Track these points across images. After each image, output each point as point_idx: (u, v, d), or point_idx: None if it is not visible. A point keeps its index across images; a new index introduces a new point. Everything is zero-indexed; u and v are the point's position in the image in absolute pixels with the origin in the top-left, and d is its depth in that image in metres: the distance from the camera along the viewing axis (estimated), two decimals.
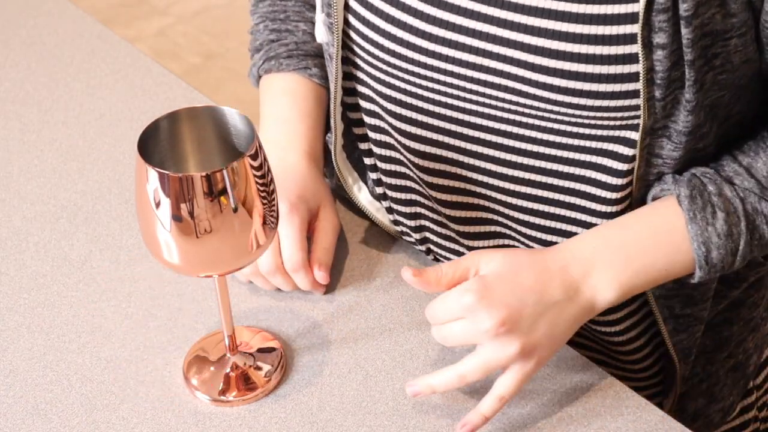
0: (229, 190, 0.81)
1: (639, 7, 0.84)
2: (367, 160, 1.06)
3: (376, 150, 1.04)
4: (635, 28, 0.85)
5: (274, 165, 1.00)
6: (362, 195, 1.09)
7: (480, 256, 0.90)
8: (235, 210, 0.82)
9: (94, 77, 1.29)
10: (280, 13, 1.11)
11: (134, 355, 0.97)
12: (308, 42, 1.09)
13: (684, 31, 0.84)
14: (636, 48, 0.85)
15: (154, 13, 2.99)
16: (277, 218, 0.87)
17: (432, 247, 1.08)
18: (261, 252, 0.86)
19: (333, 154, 1.05)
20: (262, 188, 0.84)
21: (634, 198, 0.95)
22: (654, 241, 0.91)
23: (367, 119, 1.03)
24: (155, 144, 0.85)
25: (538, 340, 0.87)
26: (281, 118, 1.06)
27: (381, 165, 1.04)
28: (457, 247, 1.06)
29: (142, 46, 2.83)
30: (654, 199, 0.93)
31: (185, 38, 2.89)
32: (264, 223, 0.85)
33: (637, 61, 0.85)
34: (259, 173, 0.83)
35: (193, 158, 0.88)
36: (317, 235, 1.02)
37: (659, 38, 0.84)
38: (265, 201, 0.84)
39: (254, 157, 0.82)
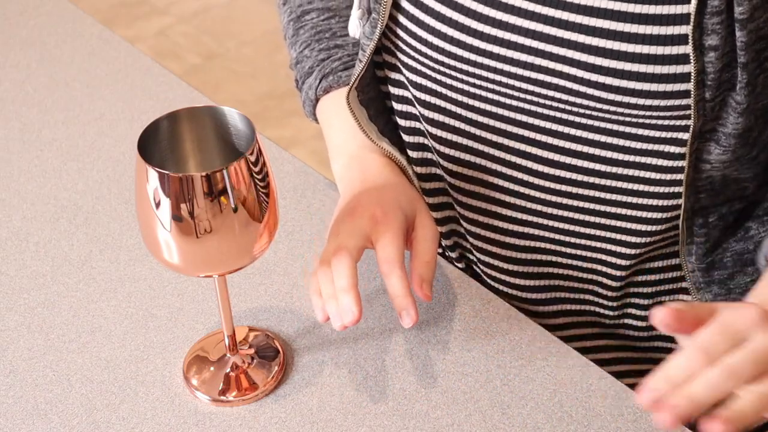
0: (229, 190, 0.81)
1: (691, 9, 0.84)
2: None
3: (407, 138, 1.03)
4: (687, 29, 0.85)
5: (355, 177, 0.98)
6: None
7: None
8: (235, 210, 0.82)
9: (94, 77, 1.29)
10: (325, 32, 1.08)
11: (134, 355, 0.97)
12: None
13: (738, 34, 0.83)
14: (687, 49, 0.85)
15: (154, 13, 2.99)
16: (276, 219, 0.87)
17: (464, 252, 1.07)
18: (262, 252, 0.87)
19: None
20: (262, 188, 0.84)
21: (685, 208, 0.94)
22: None
23: (402, 122, 1.02)
24: (155, 144, 0.85)
25: None
26: (354, 130, 1.02)
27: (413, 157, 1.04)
28: (489, 259, 1.05)
29: (142, 46, 2.83)
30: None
31: (185, 38, 2.89)
32: (264, 223, 0.85)
33: (689, 62, 0.85)
34: (259, 173, 0.83)
35: (193, 158, 0.88)
36: (416, 247, 0.93)
37: (711, 40, 0.84)
38: (265, 201, 0.84)
39: (254, 157, 0.82)
